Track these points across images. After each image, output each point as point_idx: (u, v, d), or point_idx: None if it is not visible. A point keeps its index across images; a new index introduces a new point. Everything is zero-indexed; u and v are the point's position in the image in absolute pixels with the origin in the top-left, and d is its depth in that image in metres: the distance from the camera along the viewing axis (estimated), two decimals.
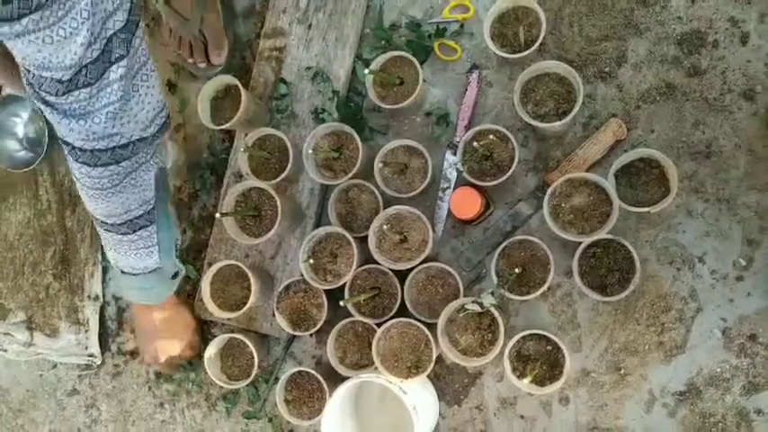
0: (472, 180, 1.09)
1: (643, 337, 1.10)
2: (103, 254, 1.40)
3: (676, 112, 1.10)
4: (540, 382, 1.05)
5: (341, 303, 1.07)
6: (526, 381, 1.03)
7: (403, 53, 1.13)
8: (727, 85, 1.08)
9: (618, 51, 1.13)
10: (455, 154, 1.14)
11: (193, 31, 1.26)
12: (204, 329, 1.33)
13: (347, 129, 1.14)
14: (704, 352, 1.08)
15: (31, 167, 1.40)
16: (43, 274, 1.45)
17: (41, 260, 1.45)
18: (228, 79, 1.20)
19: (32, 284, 1.46)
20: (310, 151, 1.14)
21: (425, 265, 1.11)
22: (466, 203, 1.10)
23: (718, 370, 1.07)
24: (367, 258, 1.14)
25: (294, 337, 1.26)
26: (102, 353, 1.41)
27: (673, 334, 1.09)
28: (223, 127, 1.17)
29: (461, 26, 1.19)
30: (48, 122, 1.19)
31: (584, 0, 1.14)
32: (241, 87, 1.15)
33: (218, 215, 1.11)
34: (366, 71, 1.10)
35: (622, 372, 1.11)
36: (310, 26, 1.25)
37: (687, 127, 1.10)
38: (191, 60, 1.30)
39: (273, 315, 1.19)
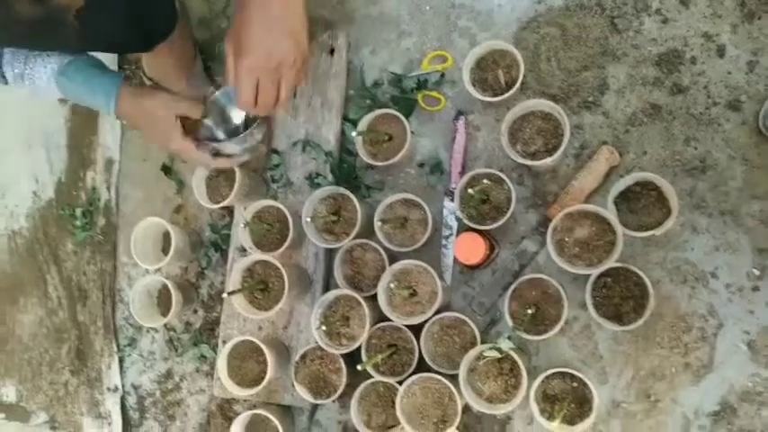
0: (473, 225, 1.09)
1: (668, 360, 1.08)
2: (119, 344, 1.40)
3: (665, 132, 1.10)
4: (570, 421, 1.03)
5: (359, 368, 1.06)
6: (556, 423, 1.01)
7: (388, 110, 1.15)
8: (711, 98, 1.09)
9: (599, 79, 1.14)
10: (453, 201, 1.15)
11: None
12: (226, 410, 1.31)
13: (343, 191, 1.15)
14: (732, 368, 1.06)
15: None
16: (61, 372, 1.44)
17: (57, 357, 1.45)
18: None
19: (51, 383, 1.45)
20: (308, 219, 1.14)
21: (439, 315, 1.10)
22: (470, 249, 1.10)
23: (750, 384, 1.05)
24: (379, 316, 1.13)
25: (317, 405, 1.24)
26: None
27: (698, 353, 1.07)
28: (221, 205, 1.17)
29: (442, 76, 1.21)
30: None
31: (557, 35, 1.15)
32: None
33: (224, 295, 1.11)
34: (354, 133, 1.11)
35: (653, 398, 1.09)
36: (295, 94, 1.26)
37: (678, 144, 1.10)
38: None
39: (293, 385, 1.18)
